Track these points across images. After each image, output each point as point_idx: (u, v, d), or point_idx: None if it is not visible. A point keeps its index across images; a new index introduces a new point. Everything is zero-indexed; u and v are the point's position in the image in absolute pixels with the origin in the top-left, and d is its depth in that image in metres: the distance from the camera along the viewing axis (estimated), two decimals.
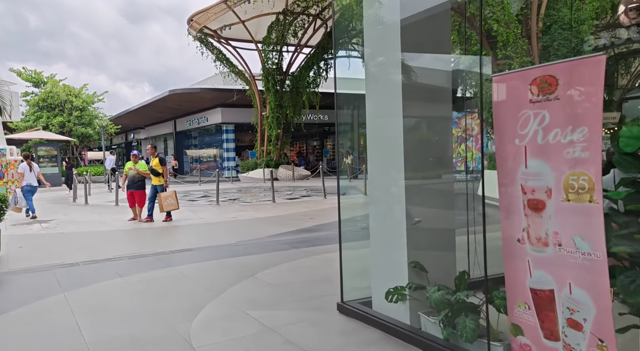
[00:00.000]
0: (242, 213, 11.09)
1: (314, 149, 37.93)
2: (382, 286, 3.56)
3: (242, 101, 27.26)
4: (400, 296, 3.30)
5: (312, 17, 21.54)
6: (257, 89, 25.06)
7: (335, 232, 8.19)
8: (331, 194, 15.41)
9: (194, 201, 15.27)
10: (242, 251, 6.81)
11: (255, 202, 14.05)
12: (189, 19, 22.70)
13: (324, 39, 22.37)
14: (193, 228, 9.24)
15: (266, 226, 9.21)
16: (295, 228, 8.72)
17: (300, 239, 7.57)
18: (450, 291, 2.94)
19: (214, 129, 32.24)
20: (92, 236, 8.54)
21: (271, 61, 22.95)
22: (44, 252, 7.26)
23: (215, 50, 25.08)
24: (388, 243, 3.66)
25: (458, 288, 2.94)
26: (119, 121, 36.35)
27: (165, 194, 9.97)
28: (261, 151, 25.64)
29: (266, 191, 18.43)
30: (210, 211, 11.51)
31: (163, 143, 42.91)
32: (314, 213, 10.86)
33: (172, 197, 9.98)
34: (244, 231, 8.67)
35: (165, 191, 10.06)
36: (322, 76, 23.75)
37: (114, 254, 6.78)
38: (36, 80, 31.67)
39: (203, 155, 34.96)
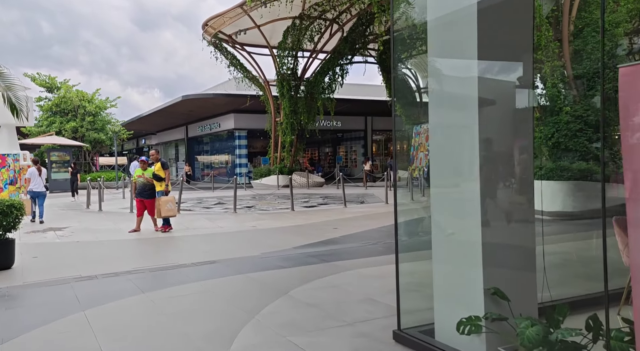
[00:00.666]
0: (261, 221, 10.68)
1: (326, 155, 37.56)
2: (450, 314, 3.12)
3: (255, 106, 26.96)
4: (474, 327, 2.85)
5: (329, 21, 21.21)
6: (271, 95, 24.74)
7: (364, 244, 7.83)
8: (351, 203, 14.99)
9: (209, 209, 14.91)
10: (269, 264, 6.39)
11: (273, 210, 13.64)
12: (204, 23, 22.47)
13: (340, 44, 22.02)
14: (212, 237, 8.84)
15: (289, 236, 8.79)
16: (320, 238, 8.30)
17: (327, 251, 7.14)
18: (545, 327, 2.50)
19: (226, 135, 31.97)
20: (108, 246, 8.17)
21: (286, 66, 22.63)
22: (59, 263, 6.89)
23: (229, 55, 24.82)
24: (458, 262, 3.23)
25: (555, 323, 2.49)
26: (131, 127, 36.24)
27: (165, 199, 9.40)
28: (274, 157, 25.27)
29: (281, 198, 18.04)
30: (228, 220, 11.12)
31: (174, 149, 42.77)
32: (336, 222, 10.43)
33: (172, 202, 9.47)
34: (267, 242, 8.26)
35: (166, 196, 9.55)
36: (338, 81, 23.38)
37: (134, 266, 6.40)
38: (50, 85, 31.64)
39: (215, 161, 34.68)
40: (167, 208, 9.29)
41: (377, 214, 11.65)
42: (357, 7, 19.66)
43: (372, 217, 11.18)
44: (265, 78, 24.65)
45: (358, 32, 21.08)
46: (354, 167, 34.55)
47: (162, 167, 9.59)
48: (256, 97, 25.56)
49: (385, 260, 6.20)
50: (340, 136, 35.10)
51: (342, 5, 19.72)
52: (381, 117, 33.56)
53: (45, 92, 31.76)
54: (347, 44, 21.66)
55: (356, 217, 11.14)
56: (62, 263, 6.89)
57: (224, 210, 14.01)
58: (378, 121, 33.93)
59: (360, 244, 7.72)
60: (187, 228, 10.05)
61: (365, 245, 7.58)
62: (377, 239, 8.06)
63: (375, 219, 10.85)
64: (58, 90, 31.64)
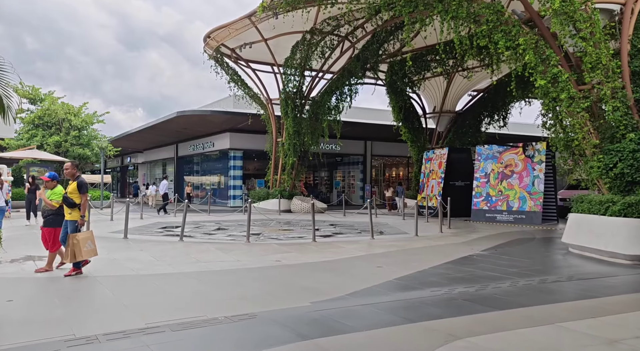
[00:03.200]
0: (284, 254, 9.01)
1: (322, 180, 36.03)
2: None
3: (252, 126, 25.48)
4: None
5: (341, 38, 19.97)
6: (274, 114, 23.28)
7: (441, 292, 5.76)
8: (367, 233, 13.45)
9: (211, 235, 13.17)
10: (331, 322, 4.75)
11: (288, 239, 11.97)
12: (207, 35, 21.05)
13: (351, 62, 20.76)
14: (236, 277, 7.14)
15: (328, 277, 7.15)
16: (372, 281, 6.67)
17: (403, 303, 5.51)
18: None
19: (219, 155, 30.30)
20: (104, 284, 6.41)
21: (292, 84, 21.25)
22: (43, 310, 5.13)
23: (230, 70, 23.39)
24: None
25: None
26: (116, 144, 34.30)
27: (84, 236, 7.01)
28: (274, 180, 23.64)
29: (287, 225, 16.39)
30: (244, 251, 9.42)
31: (162, 168, 40.82)
32: (373, 258, 8.82)
33: (91, 239, 7.14)
34: (305, 284, 6.60)
35: (80, 231, 7.07)
36: (346, 102, 22.04)
37: (146, 321, 4.69)
38: (33, 96, 29.69)
39: (206, 182, 32.85)
40: (87, 248, 6.98)
41: (414, 249, 10.09)
42: (373, 24, 18.49)
43: (410, 252, 9.61)
44: (268, 96, 23.23)
45: (371, 50, 19.86)
46: (352, 192, 33.06)
47: (78, 189, 7.08)
48: (257, 115, 24.08)
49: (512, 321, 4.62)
50: (338, 160, 33.68)
51: (358, 20, 18.51)
52: (382, 142, 32.33)
53: (27, 103, 29.79)
54: (358, 63, 20.41)
55: (392, 252, 9.55)
56: (47, 311, 5.14)
57: (230, 238, 12.29)
58: (378, 146, 32.69)
59: (434, 291, 6.12)
60: (198, 260, 8.33)
61: (444, 294, 5.98)
62: (451, 285, 6.47)
63: (417, 255, 9.28)
64: (42, 102, 29.71)
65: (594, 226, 9.11)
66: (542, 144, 17.89)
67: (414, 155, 26.14)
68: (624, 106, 10.22)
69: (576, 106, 10.62)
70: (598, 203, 9.22)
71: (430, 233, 12.83)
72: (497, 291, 6.07)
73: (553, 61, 10.94)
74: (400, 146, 31.19)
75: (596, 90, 10.54)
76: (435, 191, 20.70)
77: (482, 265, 8.12)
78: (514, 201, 17.74)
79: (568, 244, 10.16)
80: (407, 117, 24.76)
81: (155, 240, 11.24)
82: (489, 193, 18.39)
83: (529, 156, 17.77)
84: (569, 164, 12.00)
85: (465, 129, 25.93)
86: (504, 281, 6.76)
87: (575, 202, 10.36)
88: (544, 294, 5.97)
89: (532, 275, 7.27)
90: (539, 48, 11.15)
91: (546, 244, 11.38)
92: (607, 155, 10.20)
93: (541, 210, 17.11)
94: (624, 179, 9.88)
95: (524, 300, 5.64)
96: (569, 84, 10.76)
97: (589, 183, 11.49)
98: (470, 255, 9.24)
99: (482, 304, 5.42)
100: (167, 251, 9.30)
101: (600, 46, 10.46)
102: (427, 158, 22.25)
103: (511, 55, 11.59)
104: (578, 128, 10.62)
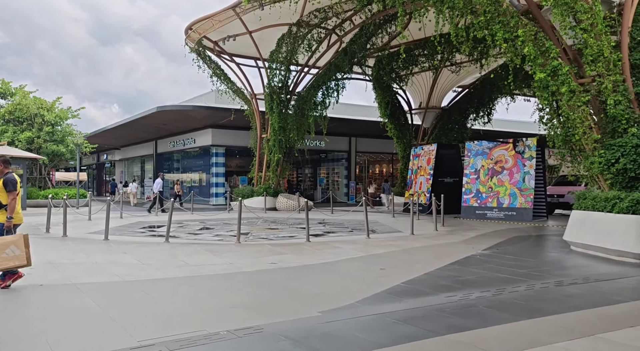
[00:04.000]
0: (280, 256, 8.48)
1: (306, 177, 35.51)
2: None
3: (234, 122, 24.83)
4: None
5: (329, 31, 19.44)
6: (258, 109, 22.65)
7: (457, 297, 5.27)
8: (362, 231, 13.03)
9: (197, 235, 12.57)
10: (347, 336, 4.26)
11: (279, 240, 11.45)
12: (188, 27, 20.29)
13: (338, 56, 20.25)
14: (232, 282, 6.59)
15: (333, 280, 6.67)
16: (379, 286, 6.20)
17: (421, 312, 5.04)
18: None
19: (201, 151, 29.51)
20: (86, 292, 5.79)
21: (277, 78, 20.63)
22: (16, 326, 4.51)
23: (212, 64, 22.65)
24: None
25: None
26: (93, 140, 33.12)
27: (6, 240, 5.85)
28: (259, 177, 23.02)
29: (275, 223, 15.87)
30: (235, 253, 8.85)
31: (140, 165, 39.74)
32: (374, 259, 8.36)
33: (17, 245, 5.84)
34: (310, 290, 6.10)
35: (7, 234, 6.09)
36: (333, 96, 21.55)
37: (139, 338, 4.12)
38: (3, 90, 28.37)
39: (187, 180, 31.99)
40: (4, 255, 5.74)
41: (414, 249, 9.66)
42: (362, 16, 18.02)
43: (411, 252, 9.18)
44: (252, 91, 22.58)
45: (359, 44, 19.39)
46: (337, 189, 32.62)
47: (4, 187, 6.18)
48: (240, 111, 23.41)
49: None
50: (322, 157, 33.19)
51: (346, 12, 18.01)
52: (366, 138, 31.97)
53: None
54: (346, 57, 19.92)
55: (392, 253, 9.11)
56: (23, 328, 4.51)
57: (218, 238, 11.70)
58: (363, 142, 32.31)
59: (449, 297, 5.68)
60: (188, 263, 7.74)
61: (461, 300, 5.54)
62: (465, 289, 6.04)
63: (418, 255, 8.86)
64: (12, 96, 28.42)
65: (600, 224, 8.82)
66: (532, 140, 17.71)
67: (399, 151, 25.83)
68: (626, 99, 9.97)
69: (577, 99, 10.33)
70: (604, 200, 8.93)
71: (425, 231, 12.45)
72: (517, 296, 5.67)
73: (553, 53, 10.63)
74: (384, 142, 30.89)
75: (597, 83, 10.27)
76: (423, 187, 20.38)
77: (488, 266, 7.74)
78: (504, 198, 17.52)
79: (570, 242, 9.88)
80: (393, 113, 24.41)
81: (138, 241, 10.58)
82: (479, 190, 18.14)
83: (519, 152, 17.57)
84: (567, 160, 11.72)
85: (451, 125, 25.72)
86: (518, 284, 6.37)
87: (577, 199, 10.07)
88: (568, 298, 5.59)
89: (545, 277, 6.90)
90: (538, 40, 10.83)
91: (546, 243, 11.11)
92: (608, 150, 9.94)
93: (532, 207, 16.93)
94: (626, 175, 9.62)
95: (549, 306, 5.24)
96: (569, 77, 10.47)
97: (587, 179, 11.24)
98: (473, 255, 8.86)
99: (507, 311, 5.00)
100: (153, 254, 8.68)
101: (602, 38, 10.19)
102: (415, 154, 21.92)
103: (509, 47, 11.25)
104: (579, 123, 10.33)
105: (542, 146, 17.85)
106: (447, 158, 20.49)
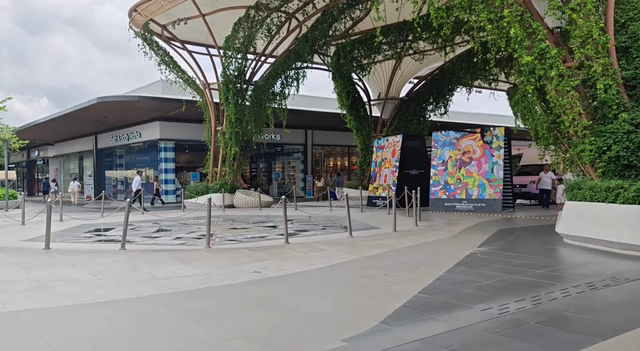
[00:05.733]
0: (262, 263, 7.34)
1: (260, 171, 34.14)
2: None
3: (184, 115, 23.17)
4: None
5: (289, 15, 18.25)
6: (212, 100, 21.12)
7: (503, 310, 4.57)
8: (333, 228, 12.20)
9: (154, 238, 11.19)
10: None
11: (255, 242, 10.29)
12: (133, 8, 18.47)
13: (299, 43, 19.12)
14: (217, 300, 5.40)
15: (340, 294, 5.65)
16: (398, 298, 5.25)
17: (468, 334, 4.09)
18: None
19: (148, 146, 27.51)
20: (30, 323, 4.43)
21: (234, 66, 19.23)
22: None
23: (160, 51, 20.88)
24: None
25: None
26: (23, 135, 30.05)
27: None
28: (214, 172, 21.54)
29: (237, 222, 14.66)
30: (209, 261, 7.62)
31: (78, 162, 36.87)
32: (369, 262, 7.41)
33: None
34: (319, 308, 5.05)
35: None
36: (293, 86, 20.39)
37: None
38: None
39: (132, 177, 29.76)
40: None
41: (406, 248, 8.80)
42: None
43: (405, 253, 8.31)
44: (205, 80, 21.01)
45: (321, 29, 18.35)
46: (293, 184, 31.51)
47: None
48: (192, 102, 21.78)
49: None
50: (277, 150, 31.96)
51: None
52: (323, 131, 31.06)
53: None
54: (307, 43, 18.83)
55: (385, 254, 8.20)
56: None
57: (180, 243, 10.37)
58: (319, 135, 31.37)
59: (486, 311, 4.80)
60: (155, 276, 6.46)
61: (502, 314, 4.68)
62: (495, 298, 5.18)
63: (414, 255, 8.00)
64: None
65: (602, 215, 8.30)
66: (500, 129, 17.41)
67: (359, 144, 25.11)
68: (616, 83, 9.56)
69: (566, 84, 9.83)
70: (605, 190, 8.42)
71: (405, 227, 11.65)
72: (560, 306, 4.88)
73: (540, 34, 10.07)
74: (341, 134, 30.10)
75: (586, 67, 9.79)
76: (389, 180, 19.71)
77: (499, 266, 6.98)
78: (473, 189, 17.13)
79: (564, 235, 9.37)
80: (352, 104, 23.61)
81: (88, 250, 9.05)
82: (447, 181, 17.67)
83: (487, 142, 17.21)
84: (550, 148, 11.29)
85: (411, 117, 25.29)
86: (548, 288, 5.61)
87: (570, 189, 9.58)
88: (617, 308, 4.86)
89: (568, 278, 6.23)
90: (524, 21, 10.23)
91: (536, 236, 10.57)
92: (599, 137, 9.50)
93: (501, 198, 16.63)
94: (619, 163, 9.22)
95: (604, 317, 4.49)
96: (557, 60, 9.94)
97: (572, 167, 10.82)
98: (472, 253, 8.11)
99: (566, 329, 4.18)
100: (110, 265, 7.29)
101: (590, 19, 9.71)
102: (379, 146, 21.20)
103: (493, 29, 10.60)
104: (568, 108, 9.84)
105: (508, 136, 17.60)
106: (413, 150, 19.91)
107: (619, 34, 10.39)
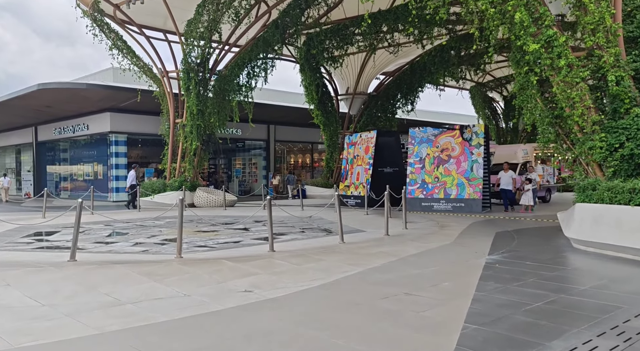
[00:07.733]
0: (251, 278, 6.01)
1: (219, 168, 32.33)
2: None
3: (137, 106, 21.23)
4: None
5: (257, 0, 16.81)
6: (171, 90, 19.34)
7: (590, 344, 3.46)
8: (312, 231, 11.05)
9: (109, 245, 9.60)
10: None
11: (231, 248, 8.89)
12: None
13: (267, 30, 17.71)
14: (211, 337, 4.06)
15: (363, 324, 4.44)
16: (443, 330, 4.11)
17: None
18: None
19: (96, 139, 25.22)
20: None
21: (196, 53, 17.59)
22: None
23: (112, 33, 18.89)
24: None
25: None
26: None
27: None
28: (172, 169, 19.78)
29: (201, 223, 13.19)
30: (185, 277, 6.19)
31: (14, 156, 33.71)
32: (378, 275, 6.24)
33: None
34: (344, 347, 3.82)
35: None
36: (260, 76, 18.94)
37: None
38: None
39: (77, 172, 27.32)
40: None
41: (411, 257, 7.70)
42: None
43: (414, 264, 7.20)
44: (164, 68, 19.20)
45: (293, 15, 17.04)
46: (254, 181, 30.00)
47: None
48: (148, 92, 19.89)
49: None
50: (238, 146, 30.29)
51: None
52: (286, 126, 29.69)
53: None
54: (277, 30, 17.46)
55: (392, 264, 7.07)
56: None
57: (142, 250, 8.83)
58: (282, 131, 29.97)
59: None
60: (118, 300, 5.01)
61: None
62: (562, 328, 4.14)
63: (426, 267, 6.90)
64: None
65: (626, 220, 7.51)
66: (479, 126, 16.73)
67: (326, 140, 24.00)
68: (627, 76, 8.87)
69: (574, 75, 9.05)
70: (628, 191, 7.63)
71: (393, 230, 10.52)
72: None
73: (547, 20, 9.25)
74: (305, 131, 28.89)
75: (596, 57, 9.05)
76: (361, 178, 18.67)
77: (532, 281, 5.99)
78: (451, 188, 16.35)
79: (575, 240, 8.57)
80: (320, 99, 22.45)
81: (28, 262, 7.31)
82: (425, 180, 16.81)
83: (466, 139, 16.48)
84: (549, 146, 10.53)
85: (379, 113, 24.47)
86: (615, 312, 4.66)
87: (582, 190, 8.78)
88: None
89: (627, 299, 5.31)
90: (530, 5, 9.39)
91: (540, 241, 9.72)
92: (611, 133, 8.78)
93: (481, 197, 15.94)
94: (632, 161, 8.51)
95: None
96: (566, 49, 9.15)
97: (576, 166, 10.08)
98: (488, 264, 7.11)
99: None
100: (57, 284, 5.74)
101: (602, 4, 8.97)
102: (351, 143, 20.11)
103: (496, 13, 9.69)
104: (577, 101, 9.05)
105: (486, 134, 16.96)
106: (386, 146, 18.94)
107: (625, 23, 9.74)
